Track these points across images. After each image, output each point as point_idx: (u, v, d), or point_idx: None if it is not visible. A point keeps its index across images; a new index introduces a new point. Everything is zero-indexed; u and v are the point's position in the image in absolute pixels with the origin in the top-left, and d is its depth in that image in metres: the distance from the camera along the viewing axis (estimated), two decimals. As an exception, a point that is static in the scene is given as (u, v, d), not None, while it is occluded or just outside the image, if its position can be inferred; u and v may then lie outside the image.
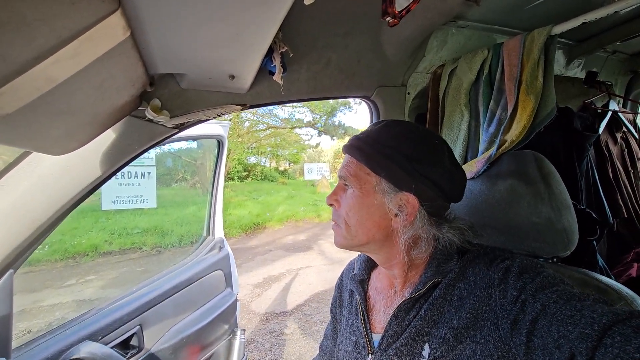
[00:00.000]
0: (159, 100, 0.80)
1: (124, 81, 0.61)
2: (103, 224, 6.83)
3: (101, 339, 1.21)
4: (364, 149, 0.71)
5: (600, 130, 1.60)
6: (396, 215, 0.69)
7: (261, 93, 0.96)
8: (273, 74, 0.85)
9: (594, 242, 1.30)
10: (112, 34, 0.46)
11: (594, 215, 1.21)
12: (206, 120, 0.89)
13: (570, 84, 1.66)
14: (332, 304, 0.95)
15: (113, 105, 0.65)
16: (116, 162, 0.81)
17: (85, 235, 6.25)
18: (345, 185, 0.73)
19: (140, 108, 0.78)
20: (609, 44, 1.49)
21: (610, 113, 1.64)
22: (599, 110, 1.65)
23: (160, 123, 0.83)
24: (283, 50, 0.81)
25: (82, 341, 1.13)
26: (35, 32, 0.38)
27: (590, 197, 1.50)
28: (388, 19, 0.46)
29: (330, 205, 0.77)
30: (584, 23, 0.89)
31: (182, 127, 0.88)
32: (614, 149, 1.71)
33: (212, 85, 0.85)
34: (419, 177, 0.67)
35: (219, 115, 0.90)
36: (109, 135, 0.79)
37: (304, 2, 0.56)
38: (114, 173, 0.83)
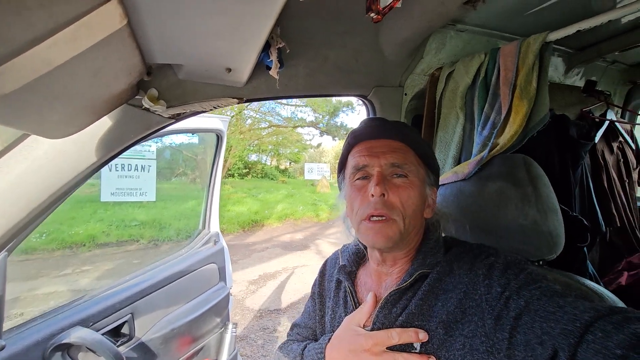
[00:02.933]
0: (156, 89, 0.82)
1: (121, 69, 0.62)
2: (101, 215, 6.84)
3: (92, 325, 1.22)
4: (417, 140, 0.75)
5: (597, 139, 1.61)
6: (427, 206, 0.74)
7: (258, 87, 0.97)
8: (270, 68, 0.86)
9: (585, 249, 1.31)
10: (108, 21, 0.47)
11: (584, 222, 1.22)
12: (203, 112, 0.91)
13: (569, 92, 1.67)
14: (313, 285, 0.94)
15: (110, 92, 0.66)
16: (112, 149, 0.83)
17: (83, 226, 6.27)
18: (398, 175, 0.70)
19: (137, 97, 0.79)
20: (608, 54, 1.50)
21: (607, 122, 1.65)
22: (596, 119, 1.66)
23: (157, 113, 0.84)
24: (280, 45, 0.83)
25: (73, 326, 1.15)
26: (33, 16, 0.39)
27: (584, 204, 1.51)
28: (372, 14, 0.47)
29: (381, 195, 0.67)
30: (579, 31, 0.90)
31: (178, 117, 0.89)
32: (610, 159, 1.72)
33: (209, 77, 0.86)
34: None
35: (216, 108, 0.91)
36: (105, 122, 0.80)
37: (299, -2, 0.57)
38: (110, 160, 0.85)
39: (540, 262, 0.87)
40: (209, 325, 1.79)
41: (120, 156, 0.85)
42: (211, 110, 0.92)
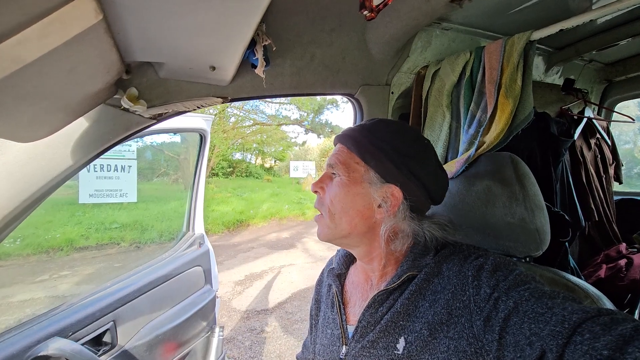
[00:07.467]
0: (135, 89, 0.78)
1: (97, 67, 0.58)
2: (79, 218, 6.59)
3: (71, 335, 1.17)
4: (358, 139, 0.73)
5: (576, 136, 1.66)
6: (379, 206, 0.70)
7: (243, 86, 0.94)
8: (255, 67, 0.83)
9: (566, 243, 1.35)
10: (82, 16, 0.44)
11: (566, 217, 1.25)
12: (186, 111, 0.87)
13: (549, 90, 1.71)
14: (310, 308, 0.95)
15: (86, 92, 0.62)
16: (89, 152, 0.78)
17: (60, 229, 6.02)
18: (333, 173, 0.74)
19: (116, 96, 0.75)
20: (585, 53, 1.54)
21: (585, 120, 1.70)
22: (575, 117, 1.71)
23: (137, 113, 0.80)
24: (266, 43, 0.80)
25: (51, 337, 1.09)
26: (1, 8, 0.36)
27: (565, 200, 1.55)
28: (365, 12, 0.46)
29: (315, 192, 0.76)
30: (561, 30, 0.91)
31: (160, 117, 0.85)
32: (588, 155, 1.77)
33: (193, 76, 0.83)
34: (407, 172, 0.69)
35: (199, 107, 0.88)
36: (82, 124, 0.75)
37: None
38: (87, 163, 0.80)
39: (527, 259, 0.89)
40: (196, 329, 1.75)
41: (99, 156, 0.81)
42: (194, 110, 0.88)
